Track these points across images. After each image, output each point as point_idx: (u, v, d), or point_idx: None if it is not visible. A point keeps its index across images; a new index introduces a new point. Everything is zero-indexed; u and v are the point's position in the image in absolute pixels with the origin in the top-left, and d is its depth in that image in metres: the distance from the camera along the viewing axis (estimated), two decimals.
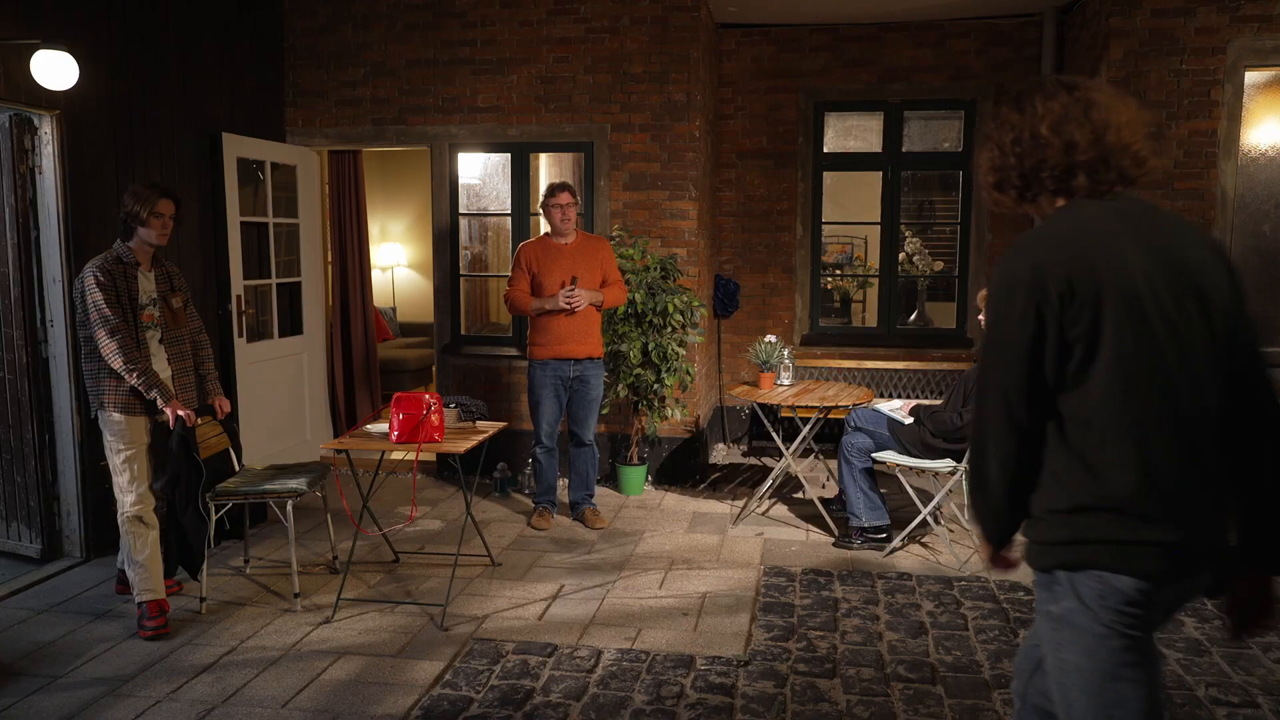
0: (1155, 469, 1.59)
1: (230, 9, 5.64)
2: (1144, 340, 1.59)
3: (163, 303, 3.98)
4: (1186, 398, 1.62)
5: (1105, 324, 1.59)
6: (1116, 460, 1.60)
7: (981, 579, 4.29)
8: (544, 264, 4.89)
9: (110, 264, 3.77)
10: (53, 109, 4.31)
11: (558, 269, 4.87)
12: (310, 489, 4.10)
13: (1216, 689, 3.24)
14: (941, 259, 7.41)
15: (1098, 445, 1.62)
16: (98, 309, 3.67)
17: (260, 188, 5.86)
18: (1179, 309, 1.62)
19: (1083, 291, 1.59)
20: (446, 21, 6.03)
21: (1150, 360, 1.60)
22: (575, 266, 4.88)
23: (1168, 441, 1.60)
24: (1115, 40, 5.46)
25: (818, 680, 3.33)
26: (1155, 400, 1.60)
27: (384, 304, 9.51)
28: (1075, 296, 1.59)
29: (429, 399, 3.91)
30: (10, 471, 4.51)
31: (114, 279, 3.75)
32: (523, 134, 6.03)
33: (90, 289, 3.69)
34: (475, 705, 3.15)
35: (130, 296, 3.80)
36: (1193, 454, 1.61)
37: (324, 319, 6.56)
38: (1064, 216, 1.70)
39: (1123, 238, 1.64)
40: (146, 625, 3.71)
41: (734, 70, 6.78)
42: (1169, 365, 1.60)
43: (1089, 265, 1.60)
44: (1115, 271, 1.60)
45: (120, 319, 3.71)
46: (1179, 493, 1.60)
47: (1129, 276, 1.60)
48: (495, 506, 5.54)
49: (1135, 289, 1.60)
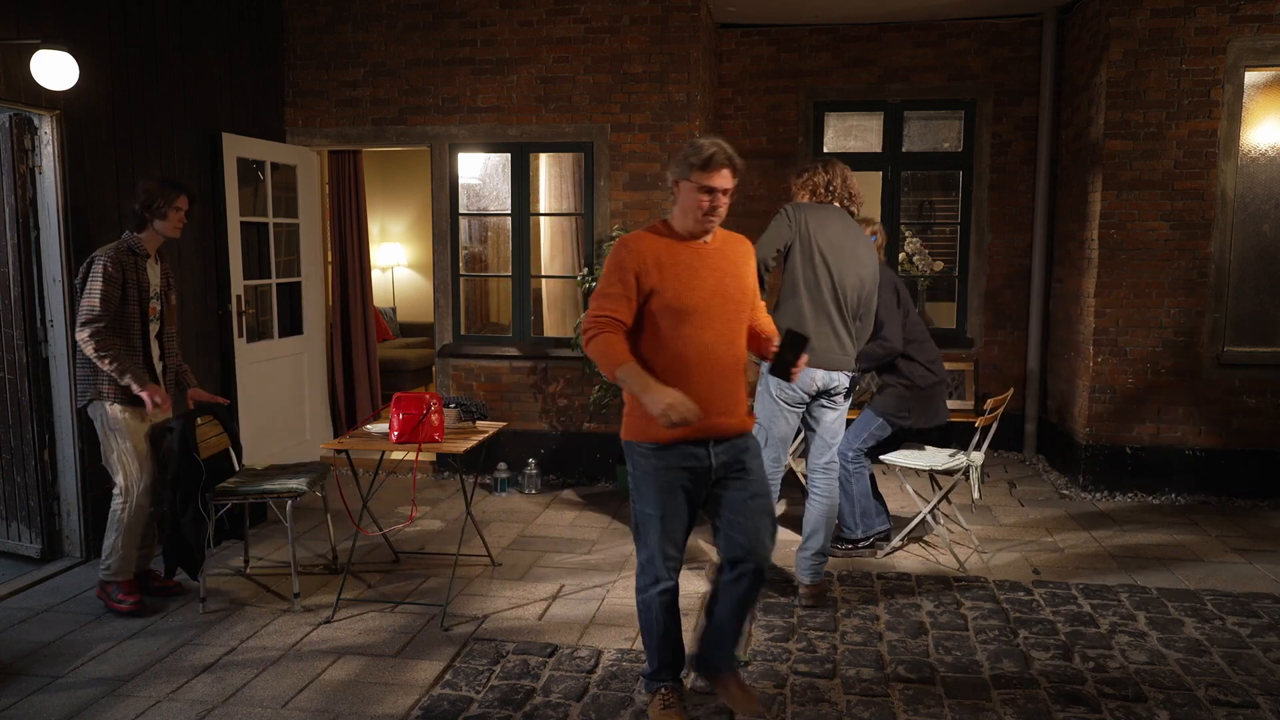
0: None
1: (230, 9, 5.64)
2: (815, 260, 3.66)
3: (164, 298, 4.06)
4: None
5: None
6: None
7: (981, 579, 4.29)
8: (671, 276, 2.78)
9: (123, 254, 3.85)
10: (53, 109, 4.30)
11: (699, 285, 2.80)
12: (310, 489, 4.09)
13: (1216, 689, 3.24)
14: (941, 259, 7.40)
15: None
16: (91, 298, 3.73)
17: (260, 188, 5.85)
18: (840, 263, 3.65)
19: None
20: (446, 21, 6.03)
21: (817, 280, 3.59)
22: (723, 284, 2.85)
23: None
24: (1115, 40, 5.46)
25: (818, 680, 3.33)
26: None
27: (384, 304, 9.51)
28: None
29: (429, 399, 3.91)
30: (10, 471, 4.51)
31: (124, 270, 3.82)
32: (523, 134, 6.03)
33: (96, 276, 3.76)
34: (475, 705, 3.15)
35: (140, 287, 3.88)
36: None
37: (324, 319, 6.55)
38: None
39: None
40: (125, 600, 3.86)
41: (734, 70, 6.78)
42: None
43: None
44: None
45: (109, 316, 3.76)
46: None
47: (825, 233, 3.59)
48: (495, 506, 5.54)
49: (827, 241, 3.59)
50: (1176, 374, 5.62)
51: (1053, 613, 3.90)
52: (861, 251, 3.90)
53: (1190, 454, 5.64)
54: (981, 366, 6.71)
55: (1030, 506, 5.49)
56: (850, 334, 3.90)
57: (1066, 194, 6.30)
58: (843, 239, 3.86)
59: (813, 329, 3.75)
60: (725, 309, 2.81)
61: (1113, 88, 5.50)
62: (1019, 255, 6.70)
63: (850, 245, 3.87)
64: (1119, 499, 5.65)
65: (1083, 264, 5.87)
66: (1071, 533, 4.97)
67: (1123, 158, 5.53)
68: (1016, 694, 3.22)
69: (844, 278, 3.83)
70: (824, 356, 3.79)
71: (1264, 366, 5.54)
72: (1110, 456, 5.70)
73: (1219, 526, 5.10)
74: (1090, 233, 5.74)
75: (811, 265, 3.80)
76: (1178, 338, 5.59)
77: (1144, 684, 3.28)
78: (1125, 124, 5.51)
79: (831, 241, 3.82)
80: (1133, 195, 5.55)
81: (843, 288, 3.84)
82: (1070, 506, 5.48)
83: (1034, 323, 6.65)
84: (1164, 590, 4.14)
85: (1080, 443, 5.78)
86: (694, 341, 2.75)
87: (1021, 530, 5.04)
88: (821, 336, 3.78)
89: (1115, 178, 5.55)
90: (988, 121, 6.61)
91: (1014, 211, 6.67)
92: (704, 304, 2.76)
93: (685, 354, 2.75)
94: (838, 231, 3.86)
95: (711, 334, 2.78)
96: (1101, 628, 3.75)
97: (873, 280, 3.98)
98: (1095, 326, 5.65)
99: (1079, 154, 6.01)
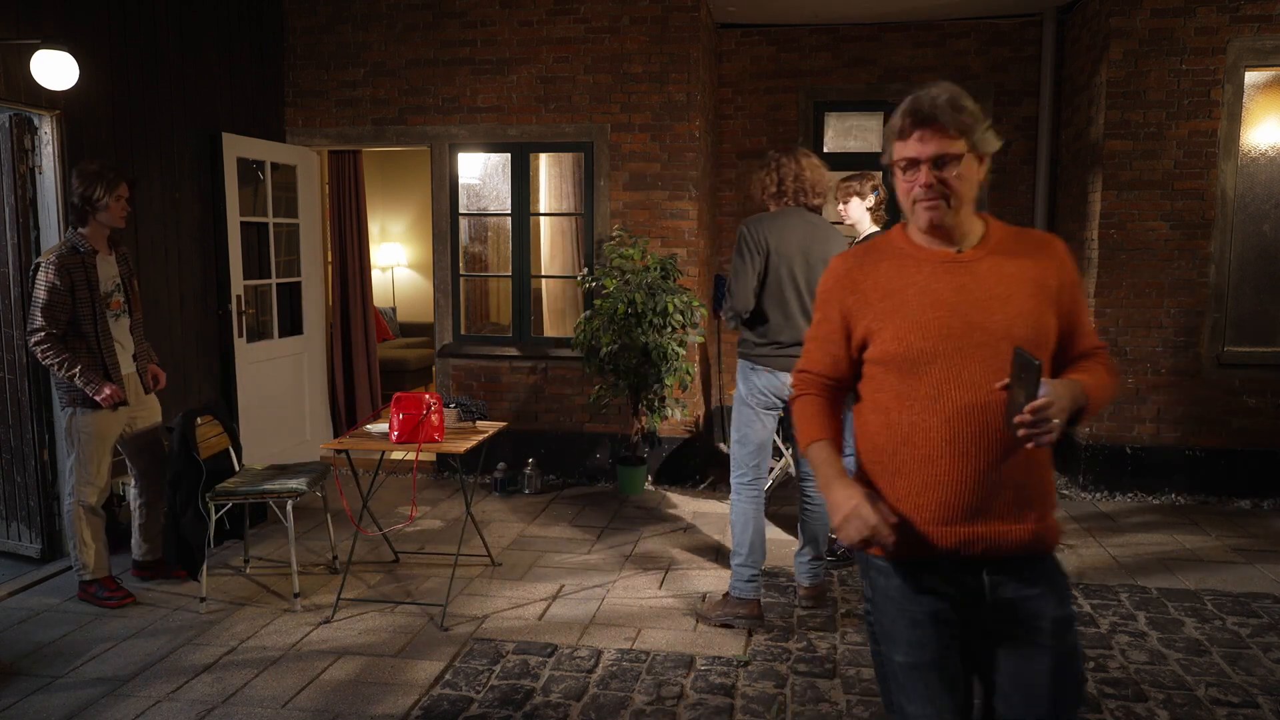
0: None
1: (230, 9, 5.64)
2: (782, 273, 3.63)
3: (126, 286, 3.99)
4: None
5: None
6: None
7: None
8: (893, 308, 1.85)
9: (67, 259, 3.75)
10: (53, 109, 4.31)
11: (937, 320, 1.81)
12: (310, 489, 4.09)
13: (1216, 689, 3.24)
14: None
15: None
16: (34, 308, 3.70)
17: (260, 188, 5.86)
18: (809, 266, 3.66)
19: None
20: (446, 21, 6.03)
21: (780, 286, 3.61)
22: (986, 314, 1.80)
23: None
24: (1115, 40, 5.46)
25: (818, 680, 3.33)
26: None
27: (384, 304, 9.51)
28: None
29: (429, 399, 3.91)
30: (10, 471, 4.51)
31: (70, 274, 3.73)
32: (523, 134, 6.03)
33: (39, 285, 3.69)
34: (475, 705, 3.15)
35: (91, 287, 3.78)
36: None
37: (324, 319, 6.56)
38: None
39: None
40: (112, 598, 3.91)
41: (734, 70, 6.78)
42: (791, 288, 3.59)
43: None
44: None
45: (57, 325, 3.72)
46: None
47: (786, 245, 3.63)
48: (495, 506, 5.54)
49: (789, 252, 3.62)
50: (1176, 374, 5.62)
51: None
52: (831, 249, 3.73)
53: (1190, 454, 5.64)
54: None
55: None
56: None
57: (1066, 194, 6.30)
58: (809, 243, 3.71)
59: (787, 338, 3.67)
60: (992, 352, 1.74)
61: (1113, 88, 5.50)
62: None
63: (819, 248, 3.72)
64: (1119, 499, 5.64)
65: (1083, 264, 5.87)
66: (1071, 533, 4.97)
67: (1123, 158, 5.53)
68: None
69: (814, 284, 3.70)
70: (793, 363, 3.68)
71: (1264, 366, 5.54)
72: (1110, 456, 5.70)
73: (1219, 526, 5.10)
74: (1090, 233, 5.74)
75: (779, 280, 3.68)
76: (1178, 338, 5.59)
77: (1144, 684, 3.28)
78: (1125, 124, 5.51)
79: (796, 251, 3.68)
80: (1133, 195, 5.55)
81: (814, 296, 3.71)
82: (1070, 506, 5.48)
83: None
84: (1164, 590, 4.14)
85: (1080, 442, 5.78)
86: (940, 406, 1.76)
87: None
88: (794, 348, 3.66)
89: (1115, 178, 5.55)
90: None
91: (1014, 211, 6.67)
92: (950, 348, 1.76)
93: (925, 425, 1.78)
94: (801, 237, 3.71)
95: (971, 392, 1.75)
96: (1101, 628, 3.75)
97: None
98: (1095, 326, 5.65)
99: (1079, 154, 6.01)
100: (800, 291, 3.71)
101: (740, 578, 3.75)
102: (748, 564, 3.74)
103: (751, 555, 3.74)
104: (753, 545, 3.74)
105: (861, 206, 4.41)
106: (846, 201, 4.42)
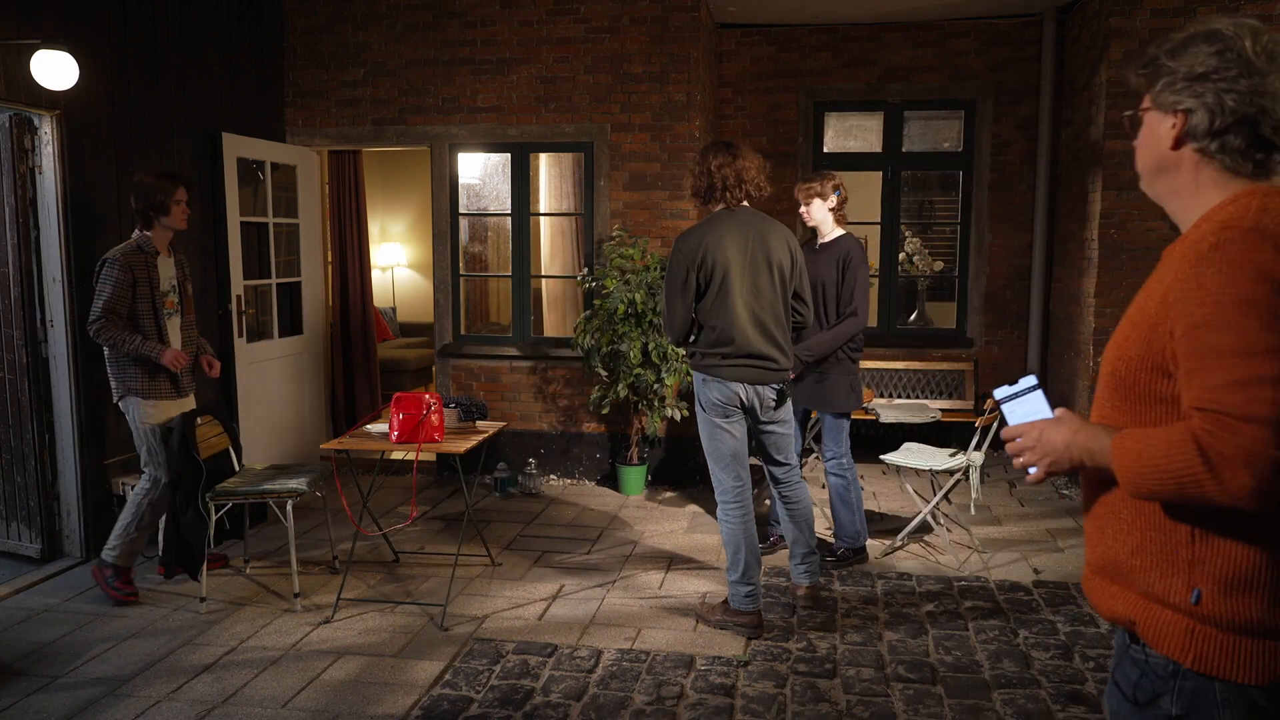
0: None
1: (230, 9, 5.64)
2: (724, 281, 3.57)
3: (180, 289, 4.19)
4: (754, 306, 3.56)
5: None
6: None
7: (981, 579, 4.29)
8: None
9: (132, 255, 3.97)
10: (53, 109, 4.30)
11: None
12: (310, 489, 4.09)
13: None
14: (941, 259, 7.41)
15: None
16: (98, 299, 3.88)
17: (260, 188, 5.85)
18: (753, 268, 3.61)
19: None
20: (446, 21, 6.03)
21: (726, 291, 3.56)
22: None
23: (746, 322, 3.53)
24: (1115, 40, 5.46)
25: (818, 680, 3.33)
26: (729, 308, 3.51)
27: (384, 304, 9.51)
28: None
29: (429, 399, 3.91)
30: (10, 471, 4.51)
31: (133, 270, 3.94)
32: (523, 134, 6.03)
33: (105, 279, 3.89)
34: (475, 705, 3.15)
35: (152, 285, 4.00)
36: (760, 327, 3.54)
37: (324, 319, 6.55)
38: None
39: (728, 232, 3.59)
40: (120, 590, 3.98)
41: (734, 70, 6.78)
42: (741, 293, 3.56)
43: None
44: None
45: (117, 315, 3.90)
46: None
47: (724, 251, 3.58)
48: (495, 506, 5.54)
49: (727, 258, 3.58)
50: None
51: (1052, 613, 3.90)
52: (772, 244, 3.63)
53: None
54: (981, 366, 6.72)
55: (1030, 506, 5.49)
56: (779, 342, 3.67)
57: (1066, 194, 6.30)
58: (743, 243, 3.60)
59: (733, 349, 3.60)
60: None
61: (1113, 88, 5.50)
62: (1019, 255, 6.70)
63: (755, 248, 3.61)
64: None
65: (1083, 264, 5.87)
66: (1072, 533, 4.97)
67: (1123, 158, 5.53)
68: (1017, 694, 3.22)
69: (759, 287, 3.61)
70: (745, 372, 3.61)
71: None
72: None
73: None
74: (1090, 233, 5.74)
75: (721, 290, 3.59)
76: None
77: None
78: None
79: (734, 256, 3.58)
80: (1133, 195, 5.54)
81: (760, 298, 3.62)
82: (1070, 506, 5.48)
83: (1034, 323, 6.65)
84: None
85: None
86: None
87: (1021, 530, 5.03)
88: (742, 360, 3.61)
89: (1115, 178, 5.54)
90: (988, 121, 6.61)
91: (1014, 211, 6.67)
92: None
93: None
94: (735, 241, 3.60)
95: None
96: (1102, 627, 3.75)
97: (791, 263, 3.69)
98: (1095, 326, 5.64)
99: (1079, 154, 6.01)
100: (749, 296, 3.60)
101: (737, 594, 3.72)
102: (743, 581, 3.70)
103: (746, 572, 3.69)
104: (746, 563, 3.69)
105: (824, 207, 4.33)
106: (809, 203, 4.33)
